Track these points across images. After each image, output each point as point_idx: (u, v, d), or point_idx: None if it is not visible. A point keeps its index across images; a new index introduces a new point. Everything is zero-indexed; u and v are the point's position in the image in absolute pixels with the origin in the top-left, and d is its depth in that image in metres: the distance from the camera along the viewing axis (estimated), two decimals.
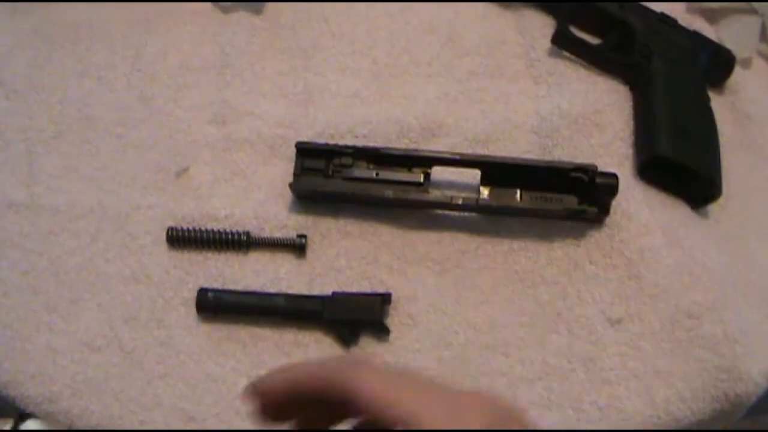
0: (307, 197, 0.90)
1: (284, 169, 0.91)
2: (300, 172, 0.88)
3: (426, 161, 0.88)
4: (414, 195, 0.87)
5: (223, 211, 0.89)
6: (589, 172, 0.85)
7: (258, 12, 1.01)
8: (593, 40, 1.02)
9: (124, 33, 1.00)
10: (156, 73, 0.97)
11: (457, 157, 0.87)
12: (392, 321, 0.84)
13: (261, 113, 0.94)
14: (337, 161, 0.88)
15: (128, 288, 0.86)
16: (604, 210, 0.86)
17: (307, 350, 0.83)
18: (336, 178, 0.88)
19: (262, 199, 0.90)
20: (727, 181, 0.93)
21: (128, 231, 0.88)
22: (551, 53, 1.00)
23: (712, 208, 0.94)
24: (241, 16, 1.01)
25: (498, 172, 0.87)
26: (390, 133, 0.93)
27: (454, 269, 0.87)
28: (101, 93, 0.96)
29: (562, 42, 0.99)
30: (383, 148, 0.88)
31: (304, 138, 0.90)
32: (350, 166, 0.88)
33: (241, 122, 0.94)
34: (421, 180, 0.88)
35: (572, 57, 1.00)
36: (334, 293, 0.84)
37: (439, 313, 0.85)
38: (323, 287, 0.86)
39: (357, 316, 0.82)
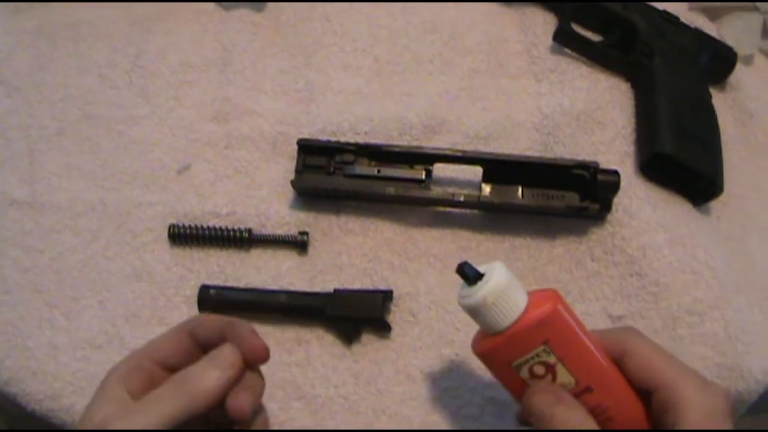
0: (309, 194, 0.90)
1: (286, 166, 0.91)
2: (302, 169, 0.88)
3: (428, 158, 0.88)
4: (416, 192, 0.86)
5: (224, 209, 0.89)
6: (590, 169, 0.85)
7: (259, 10, 1.01)
8: (595, 38, 1.02)
9: (126, 31, 1.00)
10: (157, 71, 0.97)
11: (459, 154, 0.87)
12: (394, 318, 0.84)
13: (263, 111, 0.94)
14: (338, 158, 0.88)
15: (130, 285, 0.86)
16: (606, 207, 0.86)
17: (308, 347, 0.83)
18: (337, 175, 0.87)
19: (264, 197, 0.90)
20: (728, 178, 0.93)
21: (130, 228, 0.88)
22: (553, 51, 1.00)
23: (714, 205, 0.94)
24: (242, 14, 1.01)
25: (500, 169, 0.87)
26: (391, 131, 0.93)
27: (455, 266, 0.87)
28: (103, 91, 0.96)
29: (564, 39, 0.99)
30: (385, 145, 0.88)
31: (305, 135, 0.90)
32: (352, 163, 0.88)
33: (243, 120, 0.94)
34: (423, 177, 0.88)
35: (574, 54, 1.00)
36: (335, 290, 0.84)
37: (440, 310, 0.85)
38: (325, 284, 0.86)
39: (359, 313, 0.82)
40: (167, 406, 0.61)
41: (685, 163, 0.89)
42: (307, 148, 0.88)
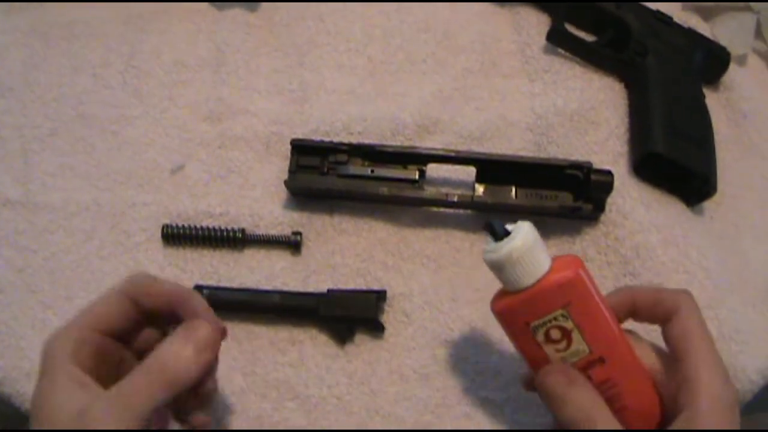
0: (302, 194, 0.90)
1: (279, 166, 0.91)
2: (295, 169, 0.87)
3: (421, 158, 0.88)
4: (409, 192, 0.86)
5: (218, 209, 0.89)
6: (584, 169, 0.85)
7: (253, 10, 1.01)
8: (588, 38, 1.02)
9: (119, 31, 1.00)
10: (151, 71, 0.97)
11: (453, 154, 0.87)
12: (387, 318, 0.85)
13: (256, 111, 0.94)
14: (332, 158, 0.88)
15: None
16: (599, 207, 0.86)
17: (302, 347, 0.83)
18: (331, 175, 0.87)
19: (257, 197, 0.90)
20: (722, 178, 0.93)
21: (123, 228, 0.88)
22: (546, 50, 1.00)
23: (707, 205, 0.94)
24: (236, 14, 1.01)
25: (493, 169, 0.87)
26: (385, 131, 0.93)
27: (449, 266, 0.87)
28: (96, 90, 0.96)
29: (558, 39, 0.99)
30: (378, 146, 0.88)
31: (299, 135, 0.90)
32: (345, 163, 0.87)
33: (237, 120, 0.94)
34: (417, 177, 0.88)
35: (567, 54, 1.00)
36: (329, 290, 0.84)
37: (434, 310, 0.85)
38: (318, 284, 0.86)
39: (352, 313, 0.82)
40: (149, 397, 0.60)
41: (679, 163, 0.90)
42: (300, 149, 0.88)
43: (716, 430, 0.61)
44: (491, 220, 0.64)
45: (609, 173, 0.85)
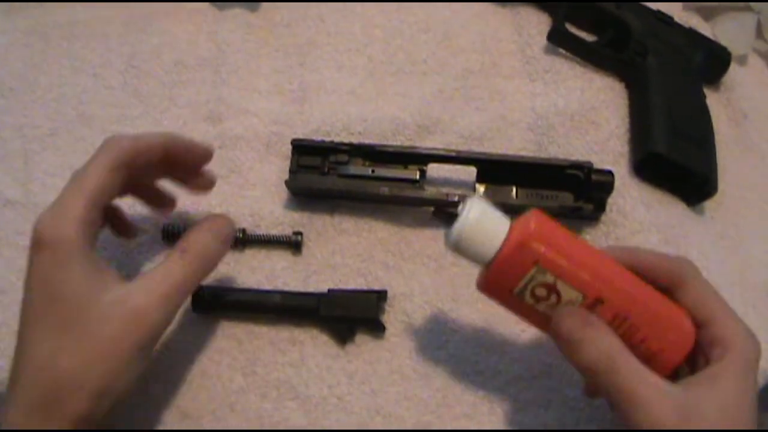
0: (303, 194, 0.89)
1: (280, 166, 0.91)
2: (296, 169, 0.87)
3: (422, 158, 0.88)
4: (410, 192, 0.86)
5: (218, 209, 0.89)
6: (584, 169, 0.85)
7: (253, 10, 1.01)
8: (589, 38, 1.02)
9: (120, 31, 1.00)
10: (151, 71, 0.97)
11: (453, 154, 0.87)
12: (388, 318, 0.84)
13: (256, 111, 0.94)
14: (332, 158, 0.88)
15: None
16: (600, 207, 0.86)
17: (303, 347, 0.83)
18: (332, 175, 0.87)
19: (258, 197, 0.90)
20: (722, 178, 0.93)
21: None
22: (547, 50, 1.00)
23: (708, 205, 0.94)
24: (236, 14, 1.01)
25: (494, 169, 0.87)
26: (385, 131, 0.93)
27: (450, 266, 0.87)
28: (97, 90, 0.96)
29: (558, 39, 0.99)
30: (379, 145, 0.88)
31: (299, 135, 0.90)
32: (346, 163, 0.87)
33: (237, 120, 0.94)
34: (417, 177, 0.88)
35: (568, 54, 1.00)
36: (330, 290, 0.84)
37: (435, 310, 0.85)
38: (319, 284, 0.86)
39: (353, 313, 0.82)
40: (185, 280, 0.68)
41: (679, 163, 0.90)
42: (301, 148, 0.88)
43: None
44: (437, 209, 0.66)
45: (610, 173, 0.85)
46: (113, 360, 0.63)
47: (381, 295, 0.83)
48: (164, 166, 0.74)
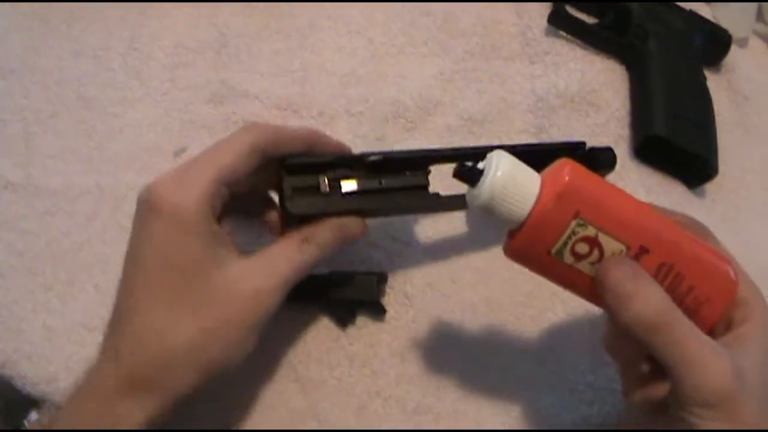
0: (304, 221, 0.72)
1: None
2: (291, 194, 0.71)
3: (423, 161, 0.79)
4: (425, 200, 0.77)
5: None
6: (581, 148, 0.84)
7: None
8: (590, 20, 1.02)
9: (120, 13, 0.99)
10: (152, 53, 0.97)
11: (451, 152, 0.80)
12: (389, 300, 0.84)
13: (258, 93, 0.94)
14: (330, 174, 0.74)
15: None
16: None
17: (304, 329, 0.83)
18: (335, 194, 0.73)
19: None
20: (723, 160, 0.93)
21: (125, 211, 0.87)
22: (547, 33, 1.00)
23: (708, 187, 0.94)
24: None
25: None
26: (386, 113, 0.93)
27: (450, 249, 0.87)
28: (97, 73, 0.95)
29: (559, 21, 0.99)
30: (377, 153, 0.76)
31: (300, 119, 0.90)
32: (348, 177, 0.74)
33: (239, 102, 0.94)
34: (427, 182, 0.78)
35: (568, 37, 1.00)
36: (331, 272, 0.84)
37: (435, 293, 0.85)
38: (320, 267, 0.85)
39: (354, 296, 0.82)
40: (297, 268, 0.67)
41: (680, 146, 0.90)
42: (292, 169, 0.72)
43: None
44: (460, 166, 0.59)
45: (609, 150, 0.85)
46: (230, 338, 0.63)
47: (382, 278, 0.83)
48: None
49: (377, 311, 0.83)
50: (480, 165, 0.59)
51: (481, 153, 0.73)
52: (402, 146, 0.92)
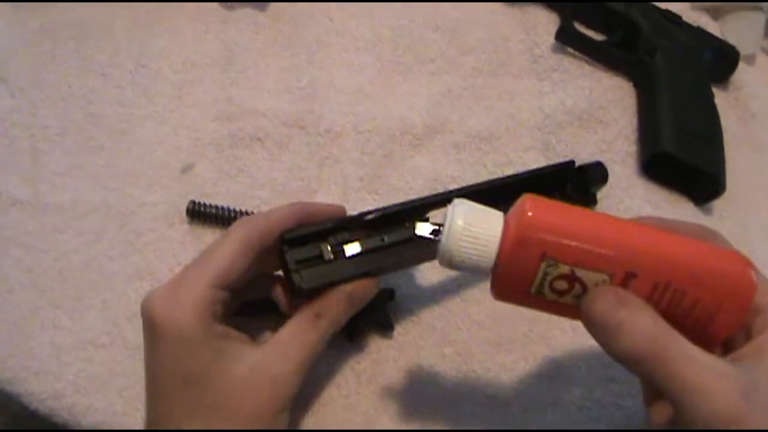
0: (314, 294, 0.71)
1: (288, 165, 0.91)
2: (296, 268, 0.70)
3: (421, 209, 0.77)
4: (433, 248, 0.64)
5: None
6: (568, 168, 0.84)
7: (262, 9, 1.01)
8: (597, 37, 1.02)
9: (129, 31, 1.00)
10: (160, 70, 0.97)
11: (440, 198, 0.77)
12: (396, 317, 0.84)
13: (265, 110, 0.94)
14: (332, 240, 0.72)
15: (132, 285, 0.85)
16: (592, 201, 0.87)
17: None
18: (340, 260, 0.72)
19: (266, 197, 0.90)
20: (730, 177, 0.93)
21: (133, 228, 0.88)
22: (555, 50, 1.00)
23: (716, 204, 0.94)
24: (245, 14, 1.01)
25: (490, 195, 0.81)
26: (393, 130, 0.93)
27: None
28: (105, 90, 0.96)
29: (567, 38, 0.99)
30: (376, 211, 0.74)
31: (307, 136, 0.91)
32: (350, 241, 0.72)
33: (246, 119, 0.94)
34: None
35: (576, 54, 1.00)
36: None
37: (442, 309, 0.85)
38: None
39: (361, 312, 0.82)
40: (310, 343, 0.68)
41: (687, 162, 0.90)
42: (292, 242, 0.70)
43: None
44: (416, 226, 0.59)
45: (599, 164, 0.85)
46: (258, 427, 0.64)
47: (389, 294, 0.83)
48: None
49: (384, 327, 0.83)
50: (440, 220, 0.58)
51: (483, 190, 0.72)
52: (409, 163, 0.92)
